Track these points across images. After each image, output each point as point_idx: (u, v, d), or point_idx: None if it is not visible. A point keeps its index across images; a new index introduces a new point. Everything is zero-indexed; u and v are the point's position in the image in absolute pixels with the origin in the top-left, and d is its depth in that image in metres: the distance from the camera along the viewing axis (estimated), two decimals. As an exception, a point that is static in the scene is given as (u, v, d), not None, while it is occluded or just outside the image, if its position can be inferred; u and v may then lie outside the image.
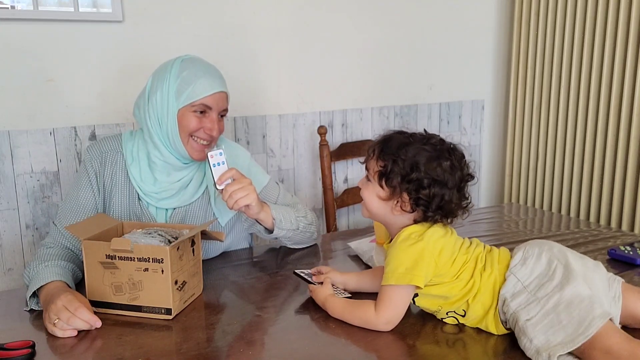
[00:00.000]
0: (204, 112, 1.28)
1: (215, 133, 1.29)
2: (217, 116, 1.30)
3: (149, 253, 1.05)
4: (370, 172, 1.03)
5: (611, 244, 1.44)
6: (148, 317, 1.08)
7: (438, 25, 2.30)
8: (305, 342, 0.99)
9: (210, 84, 1.28)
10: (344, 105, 2.19)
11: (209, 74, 1.29)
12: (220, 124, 1.32)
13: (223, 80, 1.33)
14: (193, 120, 1.27)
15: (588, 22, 2.08)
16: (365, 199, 1.05)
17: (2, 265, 1.73)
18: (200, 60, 1.33)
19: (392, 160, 0.99)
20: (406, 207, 1.00)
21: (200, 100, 1.26)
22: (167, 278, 1.05)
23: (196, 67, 1.29)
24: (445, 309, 1.02)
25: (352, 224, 2.28)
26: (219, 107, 1.30)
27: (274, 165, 2.09)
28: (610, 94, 2.04)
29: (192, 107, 1.27)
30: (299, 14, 2.02)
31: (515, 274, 0.98)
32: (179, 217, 1.34)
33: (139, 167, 1.32)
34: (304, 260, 1.39)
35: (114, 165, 1.33)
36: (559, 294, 0.91)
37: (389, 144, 1.02)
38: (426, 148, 0.99)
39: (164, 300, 1.06)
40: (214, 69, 1.32)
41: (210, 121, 1.29)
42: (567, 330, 0.87)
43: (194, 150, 1.30)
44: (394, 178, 0.99)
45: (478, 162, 2.56)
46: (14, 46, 1.64)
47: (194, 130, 1.28)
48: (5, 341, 0.96)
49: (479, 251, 1.03)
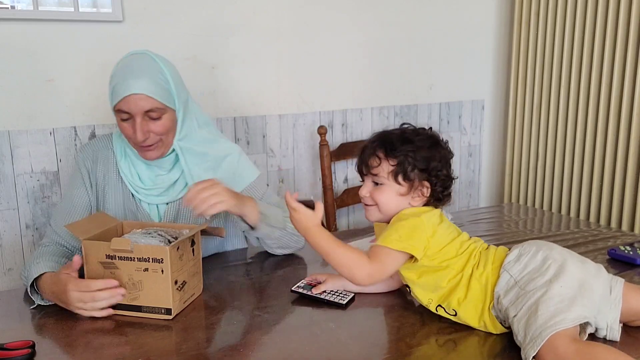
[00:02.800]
0: (129, 117, 1.22)
1: (139, 137, 1.21)
2: (141, 119, 1.21)
3: (149, 253, 1.05)
4: (381, 175, 1.04)
5: (611, 244, 1.44)
6: (148, 317, 1.08)
7: (438, 25, 2.30)
8: (305, 342, 0.99)
9: (123, 87, 1.19)
10: (344, 105, 2.19)
11: (126, 77, 1.20)
12: (153, 126, 1.23)
13: (144, 79, 1.21)
14: (122, 125, 1.24)
15: (588, 23, 2.08)
16: (381, 202, 1.05)
17: (2, 265, 1.73)
18: (132, 59, 1.25)
19: (403, 155, 1.02)
20: (427, 193, 1.04)
21: (116, 105, 1.22)
22: (167, 278, 1.05)
23: (122, 68, 1.23)
24: (435, 302, 1.03)
25: (352, 224, 2.28)
26: (138, 110, 1.20)
27: (274, 165, 2.09)
28: (610, 94, 2.04)
29: (117, 112, 1.23)
30: (299, 14, 2.03)
31: (508, 271, 0.98)
32: (173, 212, 1.33)
33: (128, 164, 1.32)
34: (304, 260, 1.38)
35: (107, 163, 1.33)
36: (546, 288, 0.91)
37: (389, 143, 1.03)
38: (422, 137, 1.05)
39: (164, 300, 1.06)
40: (138, 69, 1.22)
41: (132, 126, 1.22)
42: (538, 321, 0.87)
43: (140, 152, 1.28)
44: (411, 172, 1.02)
45: (478, 162, 2.56)
46: (14, 46, 1.64)
47: (126, 135, 1.25)
48: (5, 341, 0.96)
49: (473, 247, 1.04)
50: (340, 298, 1.12)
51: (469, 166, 2.54)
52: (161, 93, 1.23)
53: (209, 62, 1.91)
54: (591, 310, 0.90)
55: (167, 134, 1.27)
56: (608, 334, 0.95)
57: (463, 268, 1.01)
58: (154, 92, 1.21)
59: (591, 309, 0.90)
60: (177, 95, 1.27)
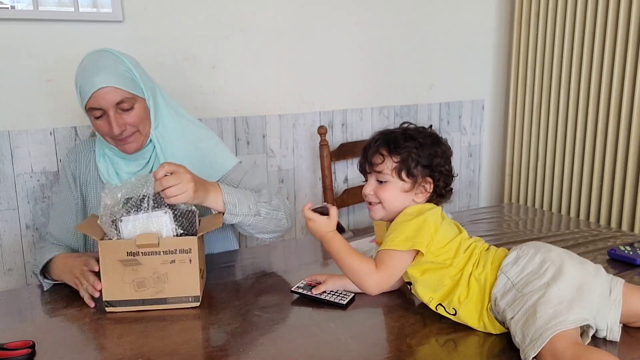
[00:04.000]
0: (102, 114, 1.22)
1: (115, 131, 1.22)
2: (114, 112, 1.22)
3: (176, 245, 1.06)
4: (385, 172, 1.05)
5: (611, 244, 1.44)
6: (172, 309, 1.09)
7: (438, 25, 2.30)
8: (305, 342, 0.99)
9: (89, 85, 1.19)
10: (344, 105, 2.19)
11: (89, 74, 1.20)
12: (127, 117, 1.24)
13: (107, 72, 1.21)
14: (97, 124, 1.24)
15: (588, 22, 2.08)
16: (386, 199, 1.06)
17: (2, 265, 1.73)
18: (92, 58, 1.25)
19: (407, 152, 1.04)
20: (429, 189, 1.06)
21: (87, 105, 1.22)
22: (195, 267, 1.06)
23: (83, 69, 1.23)
24: (435, 301, 1.03)
25: (352, 224, 2.28)
26: (108, 104, 1.21)
27: (274, 165, 2.09)
28: (610, 94, 2.04)
29: (89, 112, 1.24)
30: (299, 14, 2.02)
31: (505, 273, 0.98)
32: None
33: (106, 163, 1.34)
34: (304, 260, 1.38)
35: (88, 164, 1.36)
36: (544, 291, 0.91)
37: (392, 140, 1.06)
38: (424, 134, 1.07)
39: (191, 289, 1.08)
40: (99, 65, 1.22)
41: (108, 122, 1.22)
42: (537, 323, 0.87)
43: (120, 147, 1.28)
44: (415, 168, 1.04)
45: (478, 162, 2.56)
46: (14, 46, 1.64)
47: (102, 133, 1.26)
48: (5, 341, 0.96)
49: (474, 247, 1.04)
50: (341, 298, 1.12)
51: (469, 166, 2.54)
52: (126, 83, 1.24)
53: (209, 62, 1.91)
54: (590, 312, 0.90)
55: (142, 124, 1.28)
56: (608, 334, 0.94)
57: (464, 266, 1.02)
58: (119, 83, 1.22)
59: (590, 310, 0.90)
60: (143, 83, 1.28)
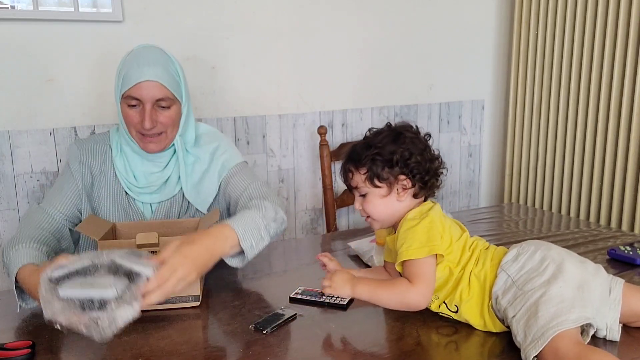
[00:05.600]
0: (137, 104, 1.23)
1: (147, 125, 1.22)
2: (151, 107, 1.23)
3: None
4: (360, 185, 1.06)
5: (611, 244, 1.44)
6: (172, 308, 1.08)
7: (438, 25, 2.30)
8: (305, 342, 0.99)
9: (137, 74, 1.20)
10: (344, 105, 2.19)
11: (140, 64, 1.21)
12: (161, 116, 1.25)
13: (158, 68, 1.23)
14: (129, 113, 1.25)
15: (588, 23, 2.08)
16: (371, 210, 1.06)
17: (2, 266, 1.72)
18: (144, 50, 1.27)
19: (369, 160, 1.03)
20: (408, 185, 1.03)
21: (127, 92, 1.22)
22: None
23: (134, 57, 1.24)
24: (439, 300, 1.03)
25: (352, 224, 2.28)
26: (149, 98, 1.22)
27: (274, 165, 2.09)
28: (610, 94, 2.04)
29: (125, 99, 1.24)
30: (299, 14, 2.02)
31: (505, 270, 0.98)
32: (163, 210, 1.34)
33: (123, 160, 1.33)
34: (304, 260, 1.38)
35: (103, 157, 1.34)
36: (545, 289, 0.91)
37: (355, 154, 1.06)
38: (383, 136, 1.05)
39: (191, 288, 1.07)
40: (152, 58, 1.24)
41: (141, 114, 1.23)
42: (539, 322, 0.87)
43: (142, 143, 1.28)
44: (382, 172, 1.02)
45: (478, 162, 2.56)
46: (14, 46, 1.64)
47: (130, 123, 1.26)
48: (5, 341, 0.96)
49: (476, 245, 1.04)
50: (341, 299, 1.12)
51: (469, 166, 2.54)
52: (173, 84, 1.25)
53: (209, 62, 1.91)
54: (591, 311, 0.90)
55: (172, 127, 1.29)
56: (608, 334, 0.95)
57: (466, 264, 1.02)
58: (167, 82, 1.23)
59: (591, 310, 0.90)
60: (184, 89, 1.30)
